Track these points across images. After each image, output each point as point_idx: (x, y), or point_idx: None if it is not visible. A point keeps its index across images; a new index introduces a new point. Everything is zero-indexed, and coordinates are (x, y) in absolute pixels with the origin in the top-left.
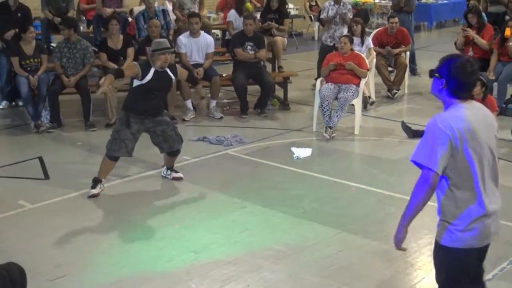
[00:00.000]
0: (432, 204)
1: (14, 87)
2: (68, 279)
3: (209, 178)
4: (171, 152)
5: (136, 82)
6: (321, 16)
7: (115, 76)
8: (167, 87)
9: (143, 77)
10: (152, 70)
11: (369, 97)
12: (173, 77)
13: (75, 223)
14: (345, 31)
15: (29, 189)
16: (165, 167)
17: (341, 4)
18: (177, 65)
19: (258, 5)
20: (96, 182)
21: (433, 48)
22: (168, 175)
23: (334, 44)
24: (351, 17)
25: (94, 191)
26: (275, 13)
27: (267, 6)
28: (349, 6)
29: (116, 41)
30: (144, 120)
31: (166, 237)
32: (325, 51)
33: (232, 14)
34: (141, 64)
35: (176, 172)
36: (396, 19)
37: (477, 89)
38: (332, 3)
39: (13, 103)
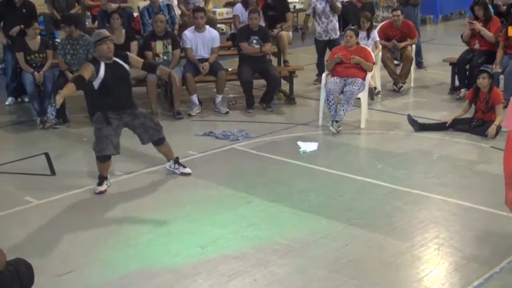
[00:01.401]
0: (440, 198)
1: (19, 84)
2: (75, 274)
3: (215, 172)
4: (154, 142)
5: (95, 82)
6: (307, 12)
7: (76, 84)
8: (124, 77)
9: (97, 73)
10: (102, 65)
11: (375, 88)
12: (126, 66)
13: (81, 219)
14: (336, 23)
15: (35, 185)
16: (171, 161)
17: None
18: (129, 54)
19: None
20: (101, 179)
21: (439, 41)
22: (176, 169)
23: (330, 38)
24: (340, 5)
25: (101, 188)
26: (275, 9)
27: (265, 2)
28: None
29: (118, 36)
30: (122, 115)
31: (172, 232)
32: (321, 47)
33: (238, 8)
34: (90, 61)
35: (184, 167)
36: (399, 12)
37: (485, 81)
38: None
39: (19, 99)
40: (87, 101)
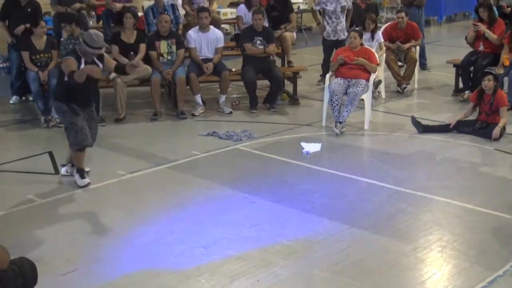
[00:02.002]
0: (444, 200)
1: (24, 82)
2: (78, 273)
3: (219, 173)
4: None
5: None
6: (315, 8)
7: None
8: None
9: (78, 68)
10: (83, 61)
11: (376, 80)
12: (100, 64)
13: (84, 218)
14: (345, 23)
15: (39, 183)
16: (69, 164)
17: None
18: (104, 54)
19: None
20: (81, 172)
21: (443, 42)
22: (72, 173)
23: (338, 39)
24: (351, 8)
25: (86, 180)
26: (278, 10)
27: (269, 3)
28: None
29: (129, 35)
30: (83, 110)
31: (175, 232)
32: (329, 47)
33: (242, 8)
34: (72, 55)
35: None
36: (403, 14)
37: (490, 83)
38: None
39: (24, 98)
40: (56, 85)
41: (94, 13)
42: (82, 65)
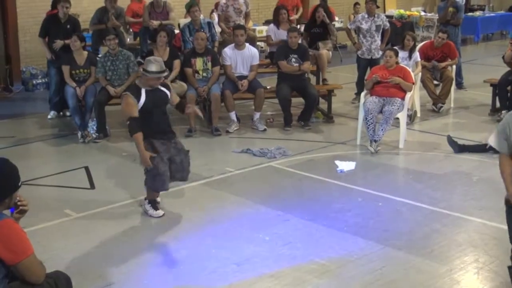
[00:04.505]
0: (480, 221)
1: (62, 98)
2: None
3: (252, 190)
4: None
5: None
6: (349, 26)
7: (133, 133)
8: (163, 103)
9: (138, 100)
10: (143, 92)
11: (414, 111)
12: (167, 92)
13: (119, 233)
14: (379, 42)
15: (75, 198)
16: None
17: (376, 16)
18: (171, 89)
19: (294, 17)
20: (154, 203)
21: (479, 61)
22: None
23: (372, 57)
24: (388, 27)
25: (160, 212)
26: (320, 27)
27: (312, 19)
28: (383, 16)
29: (162, 53)
30: (168, 145)
31: (208, 249)
32: (363, 65)
33: (271, 28)
34: (130, 91)
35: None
36: (445, 36)
37: None
38: (366, 16)
39: (61, 113)
40: None
41: (131, 30)
42: (143, 95)
